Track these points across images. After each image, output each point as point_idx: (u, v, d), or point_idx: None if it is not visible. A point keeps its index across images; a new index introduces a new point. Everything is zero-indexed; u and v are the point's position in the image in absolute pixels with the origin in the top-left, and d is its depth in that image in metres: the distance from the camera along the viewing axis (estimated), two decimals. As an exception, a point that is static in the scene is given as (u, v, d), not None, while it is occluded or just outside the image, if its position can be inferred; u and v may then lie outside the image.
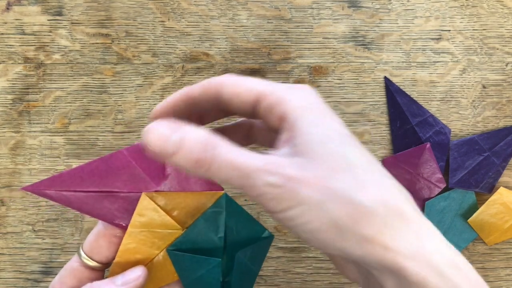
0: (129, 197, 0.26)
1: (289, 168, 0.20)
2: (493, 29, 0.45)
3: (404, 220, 0.21)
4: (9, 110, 0.43)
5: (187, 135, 0.21)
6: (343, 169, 0.21)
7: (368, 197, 0.20)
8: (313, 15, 0.44)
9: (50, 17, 0.43)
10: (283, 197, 0.20)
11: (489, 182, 0.44)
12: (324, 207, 0.20)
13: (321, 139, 0.21)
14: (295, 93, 0.23)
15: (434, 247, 0.21)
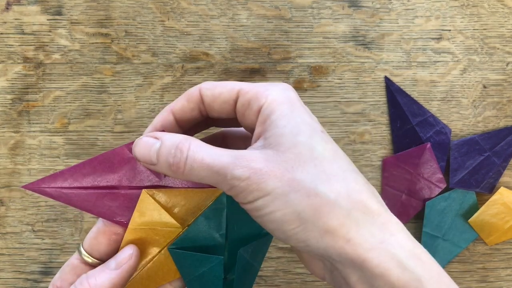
0: (129, 194, 0.26)
1: (256, 161, 0.21)
2: (494, 28, 0.45)
3: (367, 214, 0.21)
4: (8, 110, 0.43)
5: (164, 142, 0.23)
6: (309, 161, 0.21)
7: (332, 189, 0.21)
8: (313, 15, 0.44)
9: (50, 17, 0.43)
10: (250, 188, 0.21)
11: (489, 182, 0.44)
12: (288, 198, 0.21)
13: (291, 131, 0.22)
14: (271, 88, 0.23)
15: (396, 240, 0.21)
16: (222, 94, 0.24)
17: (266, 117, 0.22)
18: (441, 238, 0.43)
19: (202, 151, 0.22)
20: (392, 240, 0.21)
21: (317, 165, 0.21)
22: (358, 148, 0.44)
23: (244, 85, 0.24)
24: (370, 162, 0.44)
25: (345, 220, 0.21)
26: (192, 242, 0.27)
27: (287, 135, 0.22)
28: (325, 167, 0.21)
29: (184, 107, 0.25)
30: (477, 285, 0.44)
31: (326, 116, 0.44)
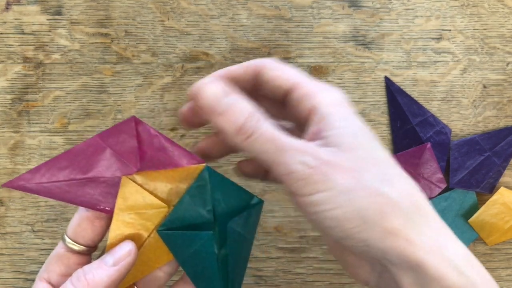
0: (110, 180, 0.26)
1: (324, 153, 0.21)
2: (494, 28, 0.44)
3: (424, 216, 0.22)
4: (8, 110, 0.43)
5: (237, 102, 0.22)
6: (371, 162, 0.21)
7: (394, 190, 0.21)
8: (313, 15, 0.44)
9: (50, 17, 0.43)
10: (313, 178, 0.21)
11: (489, 182, 0.44)
12: (351, 196, 0.20)
13: (352, 133, 0.22)
14: (327, 90, 0.24)
15: (452, 245, 0.22)
16: (280, 78, 0.24)
17: (322, 117, 0.22)
18: (441, 238, 0.43)
19: (273, 128, 0.22)
20: (448, 245, 0.22)
21: (380, 167, 0.22)
22: (358, 148, 0.44)
23: (302, 79, 0.24)
24: (370, 162, 0.44)
25: (407, 221, 0.21)
26: (180, 222, 0.26)
27: (349, 136, 0.22)
28: (386, 169, 0.22)
29: (240, 75, 0.25)
30: (477, 285, 0.44)
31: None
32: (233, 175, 0.43)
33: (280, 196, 0.44)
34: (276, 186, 0.44)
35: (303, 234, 0.44)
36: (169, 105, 0.43)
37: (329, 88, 0.24)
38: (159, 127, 0.43)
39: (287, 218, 0.44)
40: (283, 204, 0.44)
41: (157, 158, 0.26)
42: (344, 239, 0.22)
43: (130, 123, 0.26)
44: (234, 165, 0.43)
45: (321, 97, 0.23)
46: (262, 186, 0.43)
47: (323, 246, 0.44)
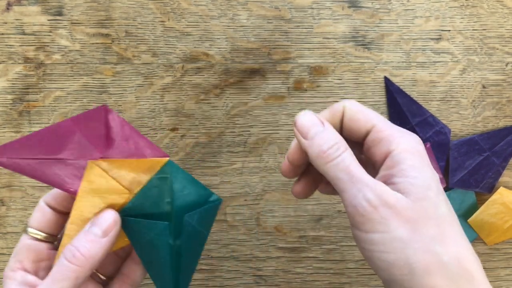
0: (77, 163, 0.27)
1: (389, 196, 0.22)
2: (493, 29, 0.45)
3: (471, 281, 0.22)
4: (9, 110, 0.43)
5: (327, 131, 0.25)
6: (433, 218, 0.22)
7: (447, 251, 0.22)
8: (313, 15, 0.44)
9: (50, 17, 0.43)
10: (373, 217, 0.22)
11: (489, 182, 0.44)
12: (406, 245, 0.22)
13: (422, 184, 0.23)
14: (404, 136, 0.24)
15: None
16: (359, 121, 0.26)
17: (396, 163, 0.23)
18: (441, 238, 0.43)
19: (353, 161, 0.24)
20: None
21: (439, 225, 0.22)
22: (358, 148, 0.44)
23: (380, 123, 0.25)
24: (370, 162, 0.44)
25: (451, 283, 0.22)
26: (140, 210, 0.27)
27: (418, 187, 0.23)
28: (445, 228, 0.23)
29: (329, 118, 0.27)
30: (477, 285, 0.45)
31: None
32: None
33: (280, 196, 0.44)
34: (276, 186, 0.44)
35: (302, 234, 0.44)
36: (170, 105, 0.43)
37: (406, 133, 0.25)
38: (160, 127, 0.43)
39: (287, 218, 0.44)
40: (283, 204, 0.44)
41: (124, 146, 0.27)
42: (389, 283, 0.23)
43: (101, 111, 0.27)
44: (233, 165, 0.43)
45: (397, 142, 0.24)
46: (262, 186, 0.44)
47: (322, 246, 0.44)
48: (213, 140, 0.43)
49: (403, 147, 0.24)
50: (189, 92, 0.43)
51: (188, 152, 0.43)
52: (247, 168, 0.44)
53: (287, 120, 0.44)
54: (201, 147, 0.43)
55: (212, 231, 0.44)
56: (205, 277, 0.44)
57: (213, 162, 0.44)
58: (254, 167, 0.44)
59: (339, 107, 0.27)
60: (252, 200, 0.44)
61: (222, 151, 0.44)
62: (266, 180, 0.44)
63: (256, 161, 0.44)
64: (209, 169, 0.43)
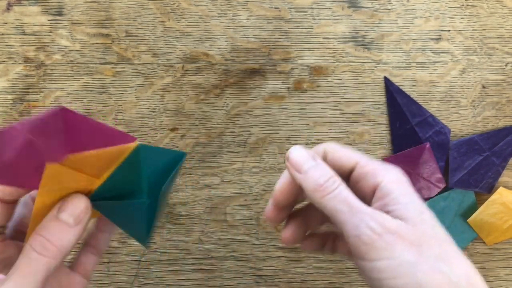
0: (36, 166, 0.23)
1: (391, 223, 0.23)
2: (493, 29, 0.45)
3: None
4: (9, 110, 0.43)
5: (321, 165, 0.25)
6: (434, 239, 0.23)
7: (454, 271, 0.22)
8: (313, 15, 0.44)
9: (50, 17, 0.43)
10: (377, 245, 0.22)
11: (488, 182, 0.44)
12: (414, 269, 0.22)
13: (416, 208, 0.24)
14: (387, 169, 0.26)
15: None
16: (342, 159, 0.27)
17: (386, 194, 0.24)
18: (441, 237, 0.43)
19: (349, 193, 0.24)
20: None
21: (440, 245, 0.23)
22: (358, 148, 0.44)
23: (362, 159, 0.26)
24: (370, 162, 0.44)
25: None
26: (112, 192, 0.26)
27: (413, 212, 0.23)
28: (446, 248, 0.23)
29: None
30: (476, 285, 0.45)
31: (326, 116, 0.44)
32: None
33: (280, 196, 0.44)
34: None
35: (303, 234, 0.44)
36: (170, 105, 0.43)
37: (389, 167, 0.26)
38: (160, 127, 0.43)
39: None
40: (283, 204, 0.44)
41: (89, 142, 0.24)
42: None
43: (56, 113, 0.23)
44: (233, 165, 0.43)
45: (383, 175, 0.25)
46: (262, 186, 0.44)
47: (322, 245, 0.44)
48: (213, 140, 0.43)
49: (390, 179, 0.25)
50: (189, 92, 0.43)
51: (188, 152, 0.43)
52: (247, 168, 0.44)
53: (287, 120, 0.44)
54: (201, 147, 0.43)
55: (212, 231, 0.44)
56: (205, 276, 0.44)
57: (213, 162, 0.44)
58: (254, 167, 0.44)
59: (320, 149, 0.27)
60: (252, 200, 0.44)
61: (222, 151, 0.44)
62: (266, 180, 0.44)
63: (256, 161, 0.44)
64: (209, 169, 0.44)
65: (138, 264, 0.43)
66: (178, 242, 0.44)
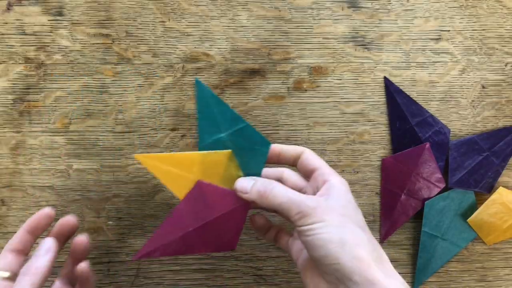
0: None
1: (323, 201, 0.32)
2: (493, 29, 0.45)
3: (385, 262, 0.31)
4: (9, 110, 0.43)
5: (258, 180, 0.34)
6: (354, 216, 0.32)
7: (365, 235, 0.32)
8: (313, 16, 0.44)
9: (51, 18, 0.43)
10: (313, 214, 0.31)
11: (488, 182, 0.44)
12: (338, 229, 0.31)
13: (347, 198, 0.33)
14: (337, 174, 0.35)
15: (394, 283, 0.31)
16: (311, 161, 0.35)
17: (331, 187, 0.33)
18: (440, 237, 0.43)
19: (284, 188, 0.33)
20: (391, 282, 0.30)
21: (358, 221, 0.32)
22: (358, 148, 0.44)
23: (323, 164, 0.35)
24: (370, 162, 0.44)
25: (370, 255, 0.30)
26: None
27: (344, 199, 0.33)
28: (361, 225, 0.32)
29: (289, 151, 0.36)
30: (476, 285, 0.45)
31: (326, 116, 0.44)
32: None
33: (280, 196, 0.44)
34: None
35: (303, 234, 0.44)
36: (170, 105, 0.43)
37: (337, 174, 0.35)
38: (160, 127, 0.43)
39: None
40: (283, 204, 0.44)
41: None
42: (324, 258, 0.30)
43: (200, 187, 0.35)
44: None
45: (333, 177, 0.34)
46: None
47: (322, 245, 0.44)
48: (213, 140, 0.43)
49: (337, 180, 0.34)
50: (189, 92, 0.44)
51: (188, 152, 0.43)
52: (247, 168, 0.44)
53: (287, 120, 0.44)
54: (201, 147, 0.44)
55: (212, 230, 0.44)
56: (206, 276, 0.44)
57: (213, 162, 0.44)
58: (254, 167, 0.44)
59: (299, 149, 0.36)
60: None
61: (222, 151, 0.44)
62: (266, 180, 0.44)
63: (256, 161, 0.44)
64: (209, 169, 0.44)
65: (138, 264, 0.43)
66: (178, 242, 0.44)
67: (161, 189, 0.43)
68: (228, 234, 0.36)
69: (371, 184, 0.44)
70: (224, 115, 0.35)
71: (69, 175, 0.43)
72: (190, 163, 0.35)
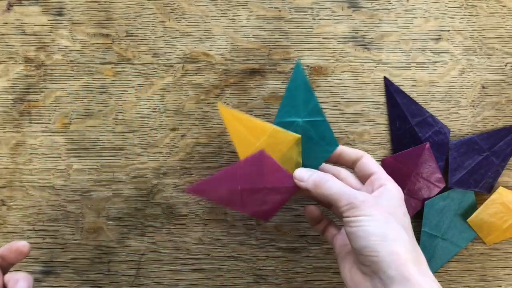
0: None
1: (372, 197, 0.34)
2: (492, 29, 0.45)
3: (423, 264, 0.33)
4: (10, 110, 0.43)
5: (315, 173, 0.36)
6: (398, 216, 0.34)
7: (407, 235, 0.33)
8: (313, 16, 0.44)
9: (51, 18, 0.43)
10: (361, 207, 0.33)
11: (488, 182, 0.44)
12: (382, 224, 0.33)
13: (396, 201, 0.35)
14: (393, 181, 0.37)
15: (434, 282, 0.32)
16: (370, 166, 0.37)
17: (384, 191, 0.35)
18: (440, 237, 0.43)
19: (338, 181, 0.35)
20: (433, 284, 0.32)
21: (403, 223, 0.34)
22: (358, 148, 0.44)
23: (380, 169, 0.37)
24: (370, 162, 0.44)
25: (408, 253, 0.32)
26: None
27: (393, 201, 0.35)
28: (406, 226, 0.34)
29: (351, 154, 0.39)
30: (476, 284, 0.45)
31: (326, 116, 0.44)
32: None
33: (280, 196, 0.44)
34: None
35: (302, 234, 0.44)
36: (170, 105, 0.43)
37: (394, 181, 0.37)
38: (160, 127, 0.43)
39: (287, 218, 0.44)
40: (283, 204, 0.44)
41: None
42: (364, 249, 0.32)
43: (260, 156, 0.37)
44: (234, 165, 0.43)
45: (389, 182, 0.36)
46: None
47: (322, 245, 0.44)
48: (213, 140, 0.43)
49: (392, 186, 0.36)
50: (189, 92, 0.44)
51: (189, 152, 0.43)
52: (247, 168, 0.44)
53: (287, 120, 0.44)
54: (201, 147, 0.44)
55: (212, 230, 0.44)
56: (206, 276, 0.44)
57: (213, 162, 0.44)
58: (254, 167, 0.44)
59: (360, 153, 0.38)
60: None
61: (222, 151, 0.44)
62: (266, 180, 0.44)
63: (256, 161, 0.44)
64: (210, 169, 0.44)
65: (138, 264, 0.43)
66: (178, 242, 0.44)
67: (161, 189, 0.43)
68: (268, 206, 0.38)
69: (371, 184, 0.44)
70: (308, 103, 0.38)
71: (69, 175, 0.43)
72: (261, 131, 0.38)
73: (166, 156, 0.43)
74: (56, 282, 0.43)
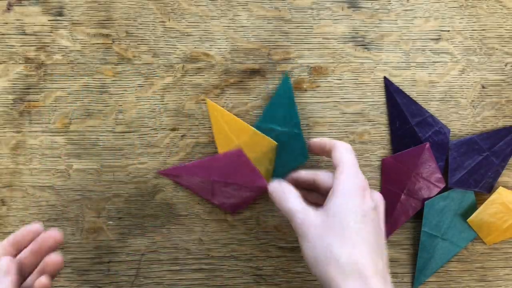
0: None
1: (312, 215, 0.34)
2: (492, 29, 0.45)
3: (362, 278, 0.31)
4: (10, 110, 0.43)
5: (281, 184, 0.37)
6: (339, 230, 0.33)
7: (342, 252, 0.32)
8: (313, 16, 0.44)
9: (51, 18, 0.43)
10: (300, 227, 0.34)
11: (488, 182, 0.44)
12: (314, 244, 0.33)
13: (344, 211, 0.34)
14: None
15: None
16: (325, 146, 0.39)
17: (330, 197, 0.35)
18: (440, 237, 0.43)
19: (292, 197, 0.36)
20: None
21: (343, 235, 0.33)
22: (358, 148, 0.44)
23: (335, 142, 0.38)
24: (370, 162, 0.44)
25: (339, 275, 0.32)
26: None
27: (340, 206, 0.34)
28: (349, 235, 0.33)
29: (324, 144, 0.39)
30: (476, 285, 0.45)
31: (326, 116, 0.44)
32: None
33: (280, 196, 0.44)
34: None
35: (303, 234, 0.44)
36: (170, 105, 0.43)
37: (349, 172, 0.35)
38: (160, 127, 0.43)
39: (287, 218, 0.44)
40: (283, 204, 0.44)
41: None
42: (309, 269, 0.34)
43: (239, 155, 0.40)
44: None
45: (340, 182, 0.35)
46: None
47: (322, 245, 0.44)
48: (213, 140, 0.43)
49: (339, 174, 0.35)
50: (189, 92, 0.44)
51: (189, 152, 0.43)
52: (247, 168, 0.44)
53: (287, 120, 0.44)
54: (202, 147, 0.44)
55: (212, 230, 0.44)
56: (205, 276, 0.44)
57: (213, 162, 0.44)
58: (254, 167, 0.44)
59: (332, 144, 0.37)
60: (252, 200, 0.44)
61: (222, 151, 0.44)
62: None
63: (256, 161, 0.44)
64: (209, 169, 0.44)
65: (138, 264, 0.43)
66: (178, 242, 0.44)
67: (161, 189, 0.43)
68: (235, 200, 0.41)
69: (371, 184, 0.44)
70: (288, 116, 0.42)
71: (69, 175, 0.43)
72: (241, 131, 0.41)
73: (166, 156, 0.43)
74: (56, 282, 0.43)
